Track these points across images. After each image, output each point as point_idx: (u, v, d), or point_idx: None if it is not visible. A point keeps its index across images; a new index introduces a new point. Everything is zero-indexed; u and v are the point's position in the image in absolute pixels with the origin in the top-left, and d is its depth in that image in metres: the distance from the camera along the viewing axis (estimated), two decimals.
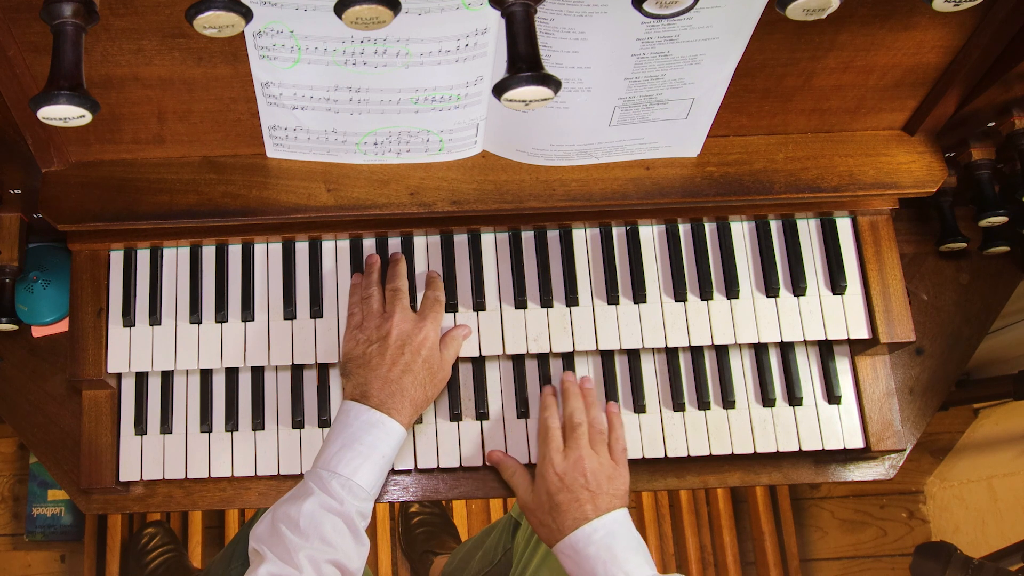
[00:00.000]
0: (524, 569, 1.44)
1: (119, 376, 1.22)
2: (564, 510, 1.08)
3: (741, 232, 1.25)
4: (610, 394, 1.21)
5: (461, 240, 1.24)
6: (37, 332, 1.30)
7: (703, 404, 1.21)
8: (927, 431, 1.94)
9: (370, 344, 1.13)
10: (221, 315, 1.21)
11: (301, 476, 1.22)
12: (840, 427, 1.21)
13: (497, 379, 1.22)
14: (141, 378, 1.22)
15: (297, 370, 1.22)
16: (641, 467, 1.24)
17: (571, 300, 1.21)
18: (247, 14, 0.76)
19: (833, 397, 1.21)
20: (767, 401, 1.21)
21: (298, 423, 1.20)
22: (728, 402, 1.21)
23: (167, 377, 1.22)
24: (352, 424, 1.08)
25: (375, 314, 1.16)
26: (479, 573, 1.66)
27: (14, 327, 1.25)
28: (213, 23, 0.75)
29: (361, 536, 1.04)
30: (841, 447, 1.20)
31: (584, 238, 1.24)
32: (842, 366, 1.23)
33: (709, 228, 1.25)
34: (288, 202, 1.13)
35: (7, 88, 0.96)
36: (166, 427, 1.21)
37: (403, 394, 1.10)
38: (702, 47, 0.99)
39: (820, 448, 1.20)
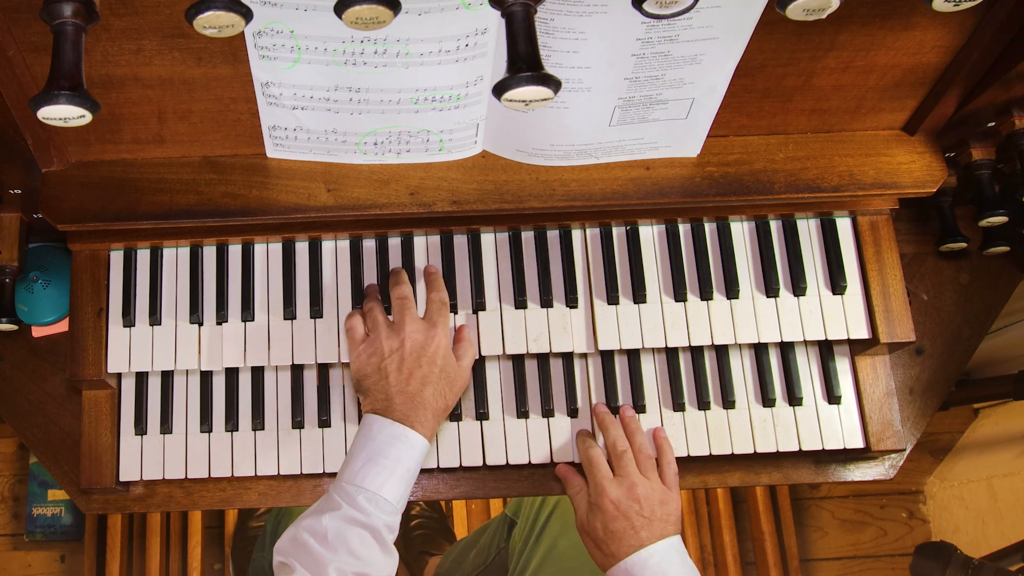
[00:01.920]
0: (523, 569, 1.43)
1: (119, 376, 1.22)
2: (619, 537, 1.09)
3: (741, 232, 1.25)
4: (610, 395, 1.21)
5: (461, 240, 1.24)
6: (37, 332, 1.30)
7: (703, 404, 1.21)
8: (927, 431, 1.94)
9: (383, 358, 1.11)
10: (221, 315, 1.21)
11: (301, 476, 1.22)
12: (840, 427, 1.21)
13: (497, 379, 1.22)
14: (141, 378, 1.22)
15: (297, 370, 1.22)
16: None
17: (571, 300, 1.21)
18: (247, 14, 0.76)
19: (833, 397, 1.21)
20: (767, 401, 1.21)
21: (298, 423, 1.20)
22: (728, 402, 1.21)
23: (167, 377, 1.22)
24: (376, 438, 1.07)
25: (382, 324, 1.14)
26: (473, 572, 1.66)
27: (14, 327, 1.25)
28: (213, 23, 0.75)
29: (390, 548, 1.03)
30: (841, 447, 1.20)
31: (584, 238, 1.24)
32: (842, 366, 1.23)
33: (709, 228, 1.25)
34: (288, 202, 1.13)
35: (7, 88, 0.96)
36: (166, 427, 1.21)
37: (425, 407, 1.09)
38: (702, 47, 0.99)
39: (820, 448, 1.20)
